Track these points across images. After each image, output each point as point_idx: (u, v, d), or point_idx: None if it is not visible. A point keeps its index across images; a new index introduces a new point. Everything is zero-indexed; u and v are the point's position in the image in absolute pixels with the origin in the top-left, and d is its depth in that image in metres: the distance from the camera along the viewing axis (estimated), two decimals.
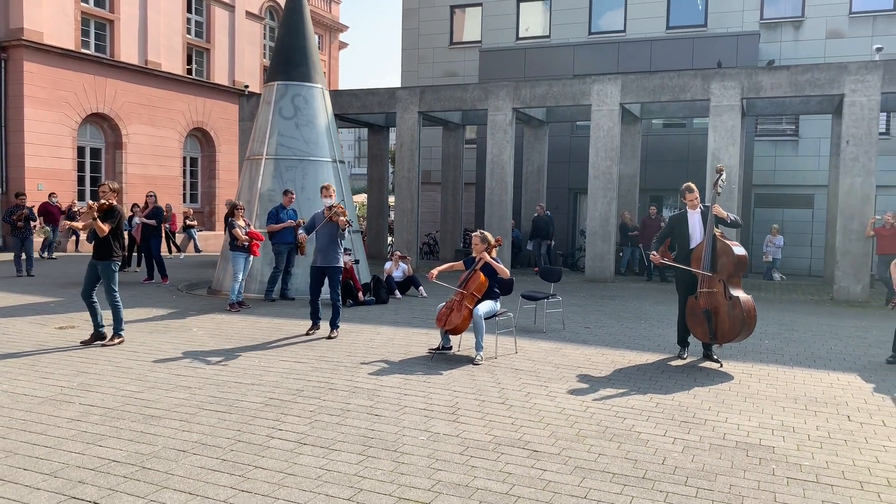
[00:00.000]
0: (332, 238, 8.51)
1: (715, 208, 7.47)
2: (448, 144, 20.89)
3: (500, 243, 7.87)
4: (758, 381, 6.93)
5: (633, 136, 18.52)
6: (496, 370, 7.05)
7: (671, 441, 5.02)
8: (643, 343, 8.74)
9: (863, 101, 13.54)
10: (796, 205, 20.67)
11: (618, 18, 22.11)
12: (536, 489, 4.08)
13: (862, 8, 19.80)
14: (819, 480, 4.37)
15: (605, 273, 15.86)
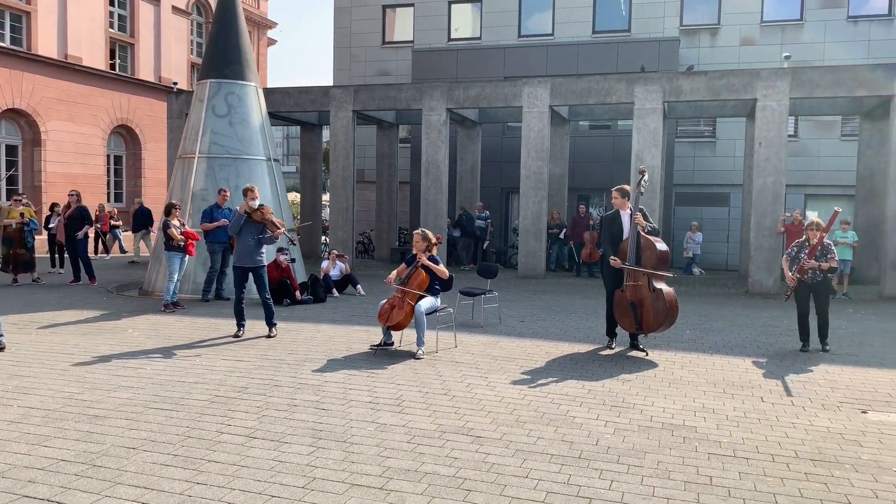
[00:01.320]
0: (256, 238, 8.49)
1: (637, 218, 7.91)
2: (382, 143, 21.03)
3: (440, 241, 8.12)
4: (680, 367, 7.41)
5: (562, 138, 19.12)
6: (438, 364, 7.29)
7: (603, 424, 5.38)
8: (575, 335, 9.16)
9: (773, 106, 14.46)
10: (714, 203, 21.76)
11: (546, 22, 22.71)
12: (481, 471, 4.34)
13: (772, 17, 21.02)
14: (736, 455, 4.79)
15: (537, 270, 16.35)
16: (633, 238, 7.96)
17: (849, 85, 14.18)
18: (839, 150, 20.37)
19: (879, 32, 20.09)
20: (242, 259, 8.51)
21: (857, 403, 6.15)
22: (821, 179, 20.66)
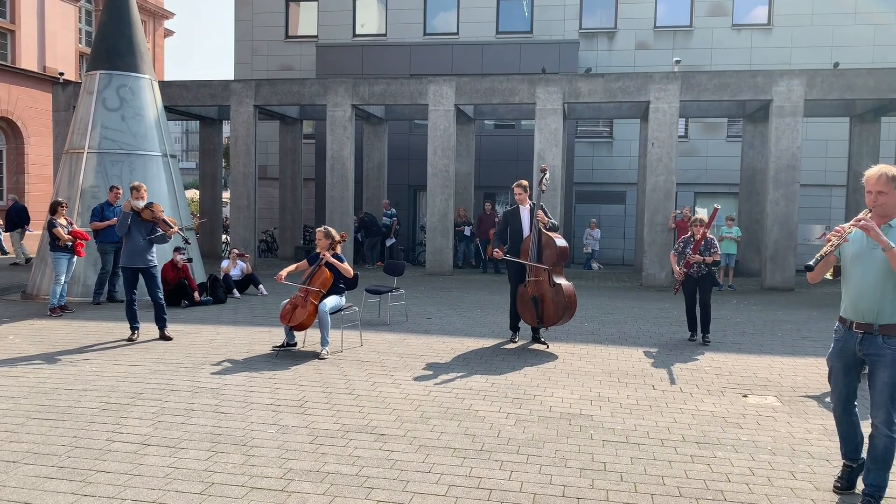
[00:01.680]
0: (146, 238, 8.16)
1: (539, 215, 8.15)
2: (286, 139, 20.60)
3: (345, 239, 8.05)
4: (579, 358, 7.69)
5: (468, 136, 19.36)
6: (342, 363, 7.24)
7: (505, 416, 5.51)
8: (479, 330, 9.32)
9: (665, 108, 15.19)
10: (611, 200, 22.65)
11: (451, 21, 22.92)
12: (384, 468, 4.36)
13: (664, 23, 22.07)
14: (629, 441, 5.03)
15: (445, 266, 16.50)
16: (534, 235, 8.19)
17: (733, 89, 15.09)
18: (725, 151, 21.66)
19: (760, 40, 21.48)
20: (132, 259, 8.14)
21: (739, 388, 6.58)
22: (709, 178, 21.90)
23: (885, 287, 3.74)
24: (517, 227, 8.47)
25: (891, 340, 3.74)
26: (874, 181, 3.76)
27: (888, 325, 3.75)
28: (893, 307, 3.74)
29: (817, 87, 14.68)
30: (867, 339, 3.80)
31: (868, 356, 3.82)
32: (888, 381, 3.73)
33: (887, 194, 3.74)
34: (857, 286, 3.83)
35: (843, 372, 3.98)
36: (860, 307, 3.82)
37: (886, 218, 3.78)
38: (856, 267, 3.85)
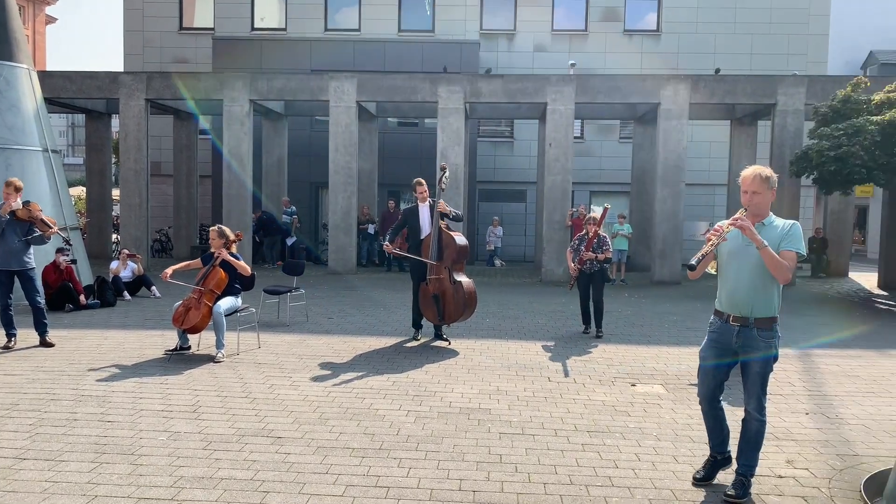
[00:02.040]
0: (23, 239, 7.66)
1: (440, 205, 8.25)
2: (180, 135, 19.81)
3: (240, 238, 7.84)
4: (479, 354, 7.84)
5: (371, 133, 19.28)
6: (239, 366, 7.05)
7: (405, 413, 5.55)
8: (382, 328, 9.32)
9: (561, 110, 15.69)
10: (513, 199, 23.18)
11: (353, 17, 22.73)
12: (281, 472, 4.29)
13: (561, 26, 22.78)
14: (524, 432, 5.18)
15: (348, 265, 16.36)
16: (434, 233, 8.26)
17: (624, 92, 15.78)
18: (618, 152, 22.60)
19: (650, 46, 22.55)
20: (6, 261, 7.60)
21: (628, 378, 6.91)
22: (603, 178, 22.79)
23: (759, 283, 3.92)
24: (416, 226, 8.52)
25: (764, 333, 3.95)
26: (749, 181, 3.95)
27: (762, 319, 3.95)
28: (766, 301, 3.94)
29: (701, 92, 15.57)
30: (743, 332, 3.98)
31: (743, 348, 4.01)
32: (760, 370, 3.97)
33: (761, 194, 3.94)
34: (733, 281, 4.00)
35: (715, 364, 4.13)
36: (736, 301, 3.99)
37: (760, 216, 3.97)
38: (732, 263, 4.01)
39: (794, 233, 3.95)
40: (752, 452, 4.07)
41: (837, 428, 5.43)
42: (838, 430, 5.38)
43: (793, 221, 4.05)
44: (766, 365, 3.98)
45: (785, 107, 15.34)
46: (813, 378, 7.06)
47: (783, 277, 3.86)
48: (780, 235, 3.92)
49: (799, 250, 3.93)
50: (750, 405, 4.03)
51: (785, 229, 3.95)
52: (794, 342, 8.84)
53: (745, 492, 4.00)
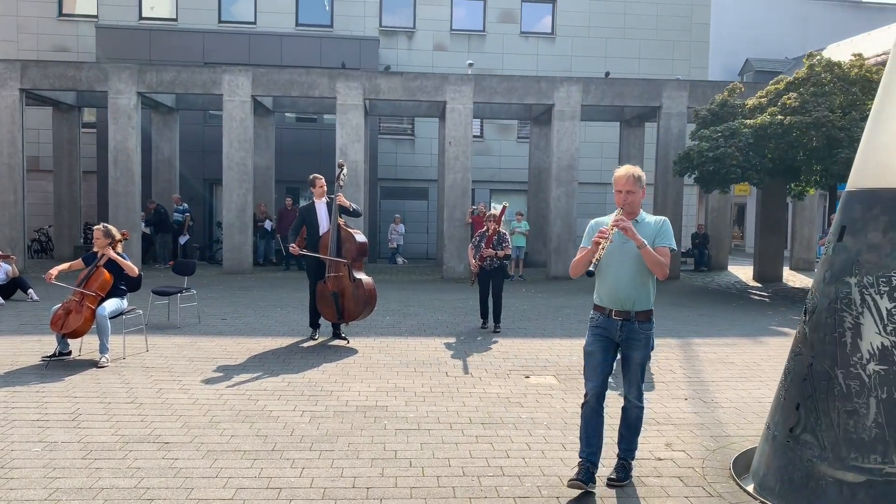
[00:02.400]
0: None
1: (339, 198, 8.18)
2: (61, 128, 18.59)
3: (127, 237, 7.48)
4: (378, 351, 7.84)
5: (267, 129, 18.83)
6: (124, 371, 6.73)
7: (300, 414, 5.48)
8: (278, 329, 9.14)
9: (460, 109, 15.90)
10: (415, 196, 23.26)
11: (248, 9, 22.09)
12: (167, 478, 4.14)
13: (460, 26, 23.05)
14: (420, 427, 5.23)
15: (244, 265, 15.92)
16: (333, 230, 8.18)
17: (520, 93, 16.17)
18: (516, 151, 23.12)
19: (545, 48, 23.21)
20: None
21: (523, 370, 7.10)
22: (503, 176, 23.26)
23: (639, 278, 4.06)
24: (314, 223, 8.40)
25: (644, 325, 4.10)
26: (623, 181, 4.08)
27: (643, 312, 4.09)
28: (646, 296, 4.09)
29: (592, 94, 16.19)
30: (626, 325, 4.08)
31: (625, 341, 4.11)
32: (640, 361, 4.14)
33: (635, 193, 4.08)
34: (615, 278, 4.09)
35: (602, 357, 4.15)
36: (619, 297, 4.08)
37: (633, 214, 4.11)
38: (612, 260, 4.08)
39: (667, 229, 4.11)
40: (633, 437, 4.24)
41: (712, 411, 5.81)
42: (713, 413, 5.76)
43: (663, 218, 4.19)
44: (647, 354, 4.15)
45: (669, 110, 16.19)
46: (692, 365, 7.51)
47: (662, 273, 4.02)
48: (654, 232, 4.07)
49: (672, 246, 4.09)
50: (631, 394, 4.19)
51: (657, 226, 4.10)
52: (676, 332, 9.37)
53: (626, 475, 4.19)
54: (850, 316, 3.80)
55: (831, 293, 3.93)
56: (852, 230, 3.92)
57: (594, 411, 4.12)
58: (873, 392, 3.65)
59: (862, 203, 3.90)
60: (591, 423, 4.13)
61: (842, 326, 3.82)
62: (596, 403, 4.13)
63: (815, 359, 3.95)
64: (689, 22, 23.75)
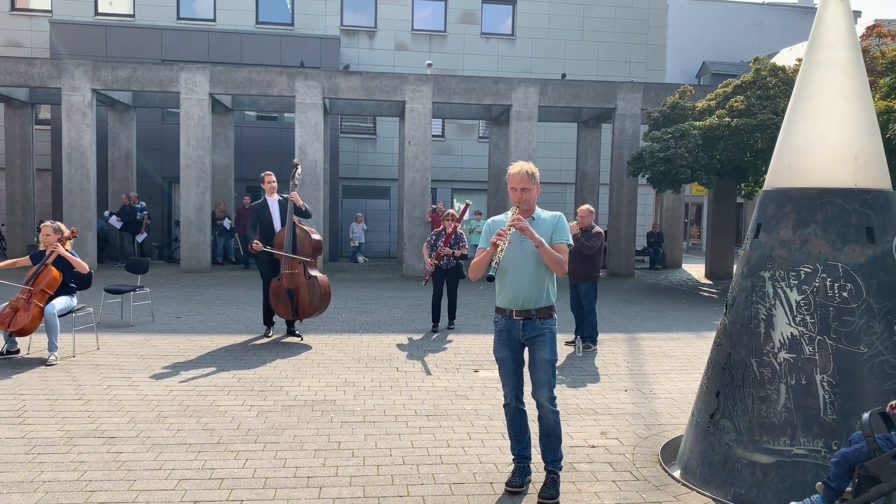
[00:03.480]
0: None
1: (293, 196, 8.26)
2: (13, 125, 18.23)
3: (76, 235, 7.45)
4: (331, 348, 7.94)
5: (226, 127, 18.71)
6: (74, 368, 6.73)
7: (248, 408, 5.56)
8: (232, 326, 9.18)
9: (419, 108, 16.03)
10: (376, 196, 23.33)
11: (207, 6, 21.91)
12: (110, 471, 4.21)
13: (421, 26, 23.19)
14: (366, 420, 5.36)
15: (202, 263, 15.84)
16: (289, 228, 8.25)
17: (479, 94, 16.37)
18: (477, 151, 23.34)
19: (505, 49, 23.47)
20: None
21: (472, 364, 7.28)
22: (464, 175, 23.46)
23: (539, 277, 3.94)
24: (267, 220, 8.45)
25: (547, 322, 3.97)
26: (517, 179, 3.92)
27: (543, 309, 3.97)
28: (547, 293, 3.98)
29: (549, 95, 16.46)
30: (528, 324, 3.95)
31: (529, 339, 3.97)
32: (548, 357, 3.96)
33: (530, 190, 3.94)
34: (514, 277, 3.96)
35: (512, 359, 4.05)
36: (519, 297, 3.95)
37: (529, 212, 3.99)
38: (511, 260, 3.94)
39: (563, 225, 4.03)
40: (555, 445, 4.05)
41: (650, 402, 6.05)
42: (650, 403, 6.00)
43: (559, 214, 4.09)
44: (553, 351, 4.00)
45: (623, 111, 16.55)
46: (636, 359, 7.78)
47: (561, 270, 3.92)
48: (551, 229, 3.98)
49: (569, 241, 4.01)
50: (542, 397, 3.97)
51: (554, 223, 4.01)
52: (624, 328, 9.65)
53: (557, 490, 3.96)
54: (764, 308, 4.04)
55: (748, 286, 4.17)
56: (767, 227, 4.17)
57: (515, 410, 4.11)
58: (783, 379, 3.90)
59: (775, 202, 4.15)
60: (516, 420, 4.13)
61: (756, 318, 4.07)
62: (516, 403, 4.09)
63: (733, 348, 4.19)
64: (647, 25, 24.24)
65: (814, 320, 3.87)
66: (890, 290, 3.86)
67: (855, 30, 4.15)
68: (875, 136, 4.05)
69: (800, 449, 3.78)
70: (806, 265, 3.94)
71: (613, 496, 4.03)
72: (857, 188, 3.93)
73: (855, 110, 4.00)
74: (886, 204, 3.97)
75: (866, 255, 3.88)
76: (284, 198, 8.45)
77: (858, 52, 4.12)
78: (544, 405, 3.99)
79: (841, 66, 4.05)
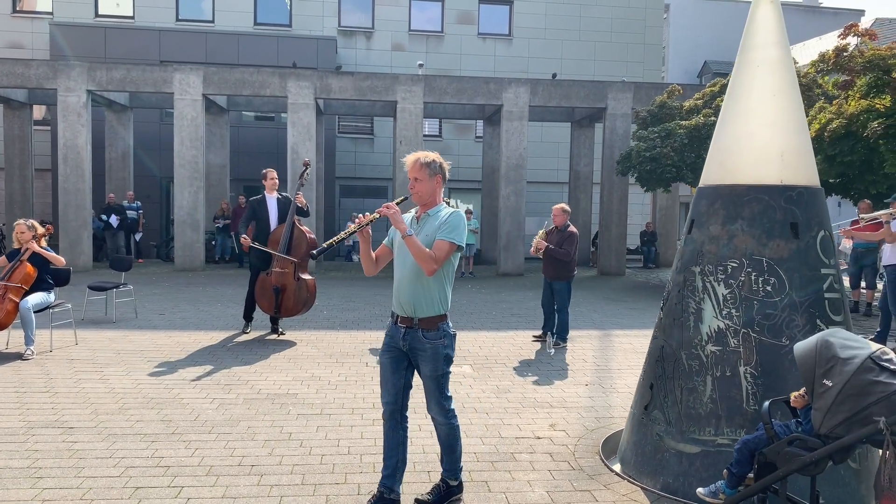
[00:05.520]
0: None
1: (298, 198, 8.37)
2: (12, 125, 18.50)
3: (50, 232, 7.62)
4: (306, 344, 8.07)
5: (221, 127, 18.91)
6: (48, 363, 6.89)
7: (210, 401, 5.70)
8: (214, 323, 9.33)
9: (411, 108, 16.16)
10: (374, 195, 23.47)
11: (206, 8, 22.14)
12: (62, 459, 4.35)
13: (418, 27, 23.32)
14: (322, 412, 5.49)
15: (196, 262, 16.03)
16: (287, 226, 8.34)
17: (470, 94, 16.47)
18: (474, 150, 23.44)
19: (502, 49, 23.57)
20: None
21: None
22: (462, 175, 23.50)
23: (420, 280, 3.58)
24: (264, 217, 8.56)
25: (430, 334, 3.61)
26: (409, 167, 3.65)
27: (426, 319, 3.61)
28: (429, 299, 3.61)
29: (539, 95, 16.55)
30: (409, 334, 3.63)
31: (410, 350, 3.66)
32: (431, 374, 3.66)
33: (422, 181, 3.63)
34: (398, 278, 3.68)
35: (391, 368, 3.74)
36: (400, 300, 3.67)
37: (427, 205, 3.69)
38: (398, 258, 3.69)
39: (452, 222, 3.63)
40: (449, 456, 3.85)
41: (607, 396, 6.14)
42: (607, 397, 6.09)
43: (454, 210, 3.73)
44: (437, 367, 3.65)
45: (614, 111, 16.62)
46: (604, 354, 7.87)
47: (427, 267, 3.53)
48: (439, 225, 3.64)
49: (454, 240, 3.58)
50: (432, 411, 3.77)
51: (444, 219, 3.66)
52: (600, 325, 9.74)
53: (439, 497, 3.81)
54: (694, 301, 4.14)
55: (680, 281, 4.27)
56: (699, 223, 4.26)
57: (391, 428, 3.75)
58: (710, 371, 4.00)
59: (707, 199, 4.25)
60: (389, 440, 3.76)
61: (687, 311, 4.16)
62: (391, 419, 3.75)
63: (666, 341, 4.28)
64: (643, 25, 24.26)
65: (739, 313, 3.96)
66: (812, 284, 3.95)
67: (784, 29, 4.24)
68: (803, 134, 4.13)
69: (723, 439, 3.87)
70: (733, 260, 4.03)
71: (545, 484, 4.14)
72: (782, 185, 4.01)
73: (782, 109, 4.09)
74: (812, 200, 4.05)
75: (790, 250, 3.96)
76: (283, 196, 8.58)
77: (788, 52, 4.21)
78: (436, 418, 3.79)
79: (770, 65, 4.14)
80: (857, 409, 2.76)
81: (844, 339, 2.95)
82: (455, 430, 3.83)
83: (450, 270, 3.70)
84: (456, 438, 3.84)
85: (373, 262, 3.82)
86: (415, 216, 3.74)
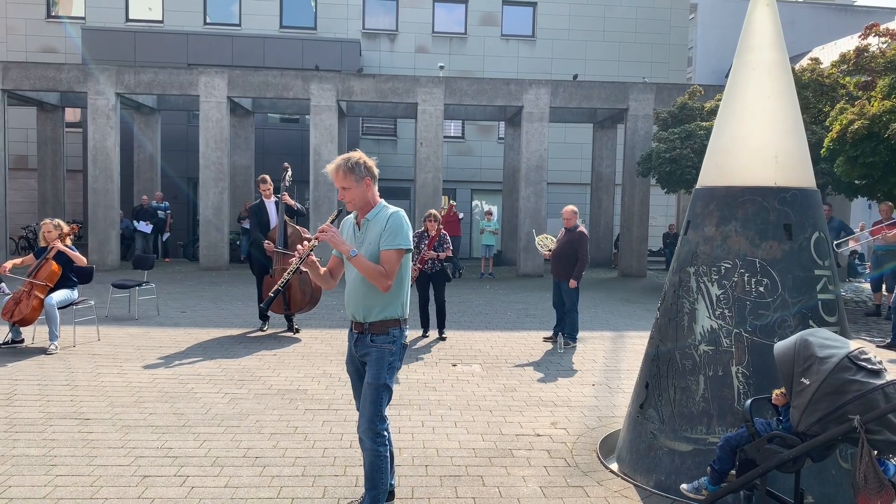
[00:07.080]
0: None
1: (284, 197, 8.60)
2: (44, 127, 19.03)
3: (75, 231, 7.88)
4: (320, 342, 8.23)
5: (247, 129, 19.24)
6: (71, 357, 7.14)
7: (221, 395, 5.87)
8: (233, 321, 9.54)
9: (431, 110, 16.28)
10: (397, 196, 23.60)
11: (233, 11, 22.52)
12: (76, 448, 4.54)
13: (441, 29, 23.44)
14: (330, 408, 5.62)
15: (220, 261, 16.33)
16: (280, 225, 8.59)
17: (490, 95, 16.54)
18: (496, 151, 23.45)
19: (525, 51, 23.58)
20: None
21: (452, 359, 7.48)
22: (484, 176, 23.62)
23: (367, 285, 3.43)
24: (265, 220, 8.86)
25: (378, 338, 3.45)
26: (334, 177, 3.43)
27: (376, 323, 3.45)
28: (381, 303, 3.45)
29: (560, 96, 16.56)
30: (360, 339, 3.51)
31: (362, 357, 3.53)
32: (371, 380, 3.43)
33: (351, 189, 3.41)
34: (349, 284, 3.55)
35: (357, 379, 3.66)
36: (350, 305, 3.54)
37: (364, 210, 3.51)
38: (347, 264, 3.51)
39: (393, 225, 3.42)
40: (370, 492, 3.46)
41: (612, 396, 6.19)
42: (612, 397, 6.14)
43: (394, 211, 3.49)
44: (379, 375, 3.42)
45: (636, 112, 16.55)
46: (615, 355, 7.89)
47: (382, 285, 3.36)
48: (380, 232, 3.43)
49: (400, 246, 3.40)
50: (360, 427, 3.45)
51: (384, 223, 3.44)
52: (614, 326, 9.75)
53: None
54: (688, 301, 4.18)
55: (676, 282, 4.31)
56: (694, 224, 4.30)
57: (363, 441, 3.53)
58: (702, 370, 4.04)
59: (702, 200, 4.29)
60: None
61: (681, 311, 4.21)
62: None
63: (661, 341, 4.33)
64: (668, 25, 24.09)
65: (731, 314, 4.00)
66: (805, 286, 3.97)
67: (781, 31, 4.26)
68: (798, 136, 4.15)
69: (714, 437, 3.91)
70: (726, 261, 4.07)
71: (539, 480, 4.21)
72: (776, 186, 4.04)
73: (778, 111, 4.12)
74: (806, 202, 4.07)
75: (783, 251, 3.99)
76: (279, 198, 8.80)
77: (784, 54, 4.23)
78: (362, 438, 3.46)
79: (766, 67, 4.18)
80: (833, 408, 2.80)
81: (824, 338, 2.99)
82: (381, 460, 3.42)
83: (403, 274, 3.50)
84: (381, 471, 3.43)
85: (328, 278, 3.69)
86: (354, 222, 3.59)
